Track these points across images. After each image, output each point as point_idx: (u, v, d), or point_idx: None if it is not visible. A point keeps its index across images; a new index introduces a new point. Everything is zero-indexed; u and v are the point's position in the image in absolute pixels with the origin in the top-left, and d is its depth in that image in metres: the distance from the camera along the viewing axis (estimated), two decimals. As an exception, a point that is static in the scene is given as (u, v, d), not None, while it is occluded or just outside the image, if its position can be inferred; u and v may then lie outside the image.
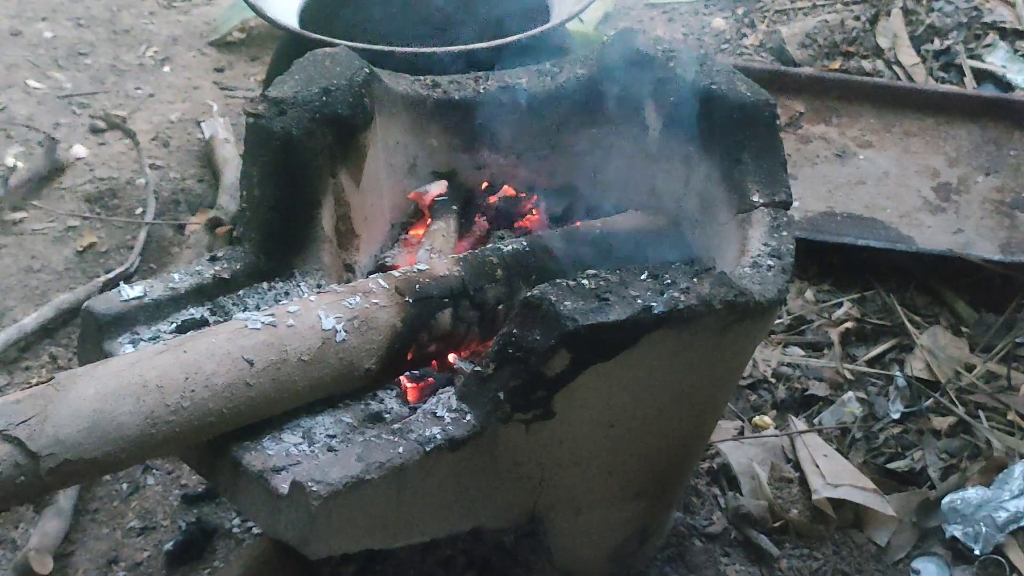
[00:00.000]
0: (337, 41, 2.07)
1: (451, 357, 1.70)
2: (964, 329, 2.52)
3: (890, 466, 2.21)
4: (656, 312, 1.44)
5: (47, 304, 2.53)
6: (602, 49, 2.00)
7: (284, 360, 1.46)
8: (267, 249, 1.74)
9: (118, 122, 3.15)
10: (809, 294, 2.62)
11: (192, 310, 1.66)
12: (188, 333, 1.54)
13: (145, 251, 2.73)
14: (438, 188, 1.96)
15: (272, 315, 1.50)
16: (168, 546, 2.02)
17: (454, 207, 1.96)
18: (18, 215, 2.86)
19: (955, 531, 2.06)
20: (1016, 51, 3.38)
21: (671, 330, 1.47)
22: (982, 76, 3.32)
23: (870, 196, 2.85)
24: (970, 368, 2.41)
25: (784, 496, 2.12)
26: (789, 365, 2.43)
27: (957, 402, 2.32)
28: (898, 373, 2.39)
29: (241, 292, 1.70)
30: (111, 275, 2.61)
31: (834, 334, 2.50)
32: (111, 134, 3.15)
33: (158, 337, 1.60)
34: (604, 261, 1.76)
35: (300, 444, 1.47)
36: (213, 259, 1.74)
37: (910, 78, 3.30)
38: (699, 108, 1.84)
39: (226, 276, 1.71)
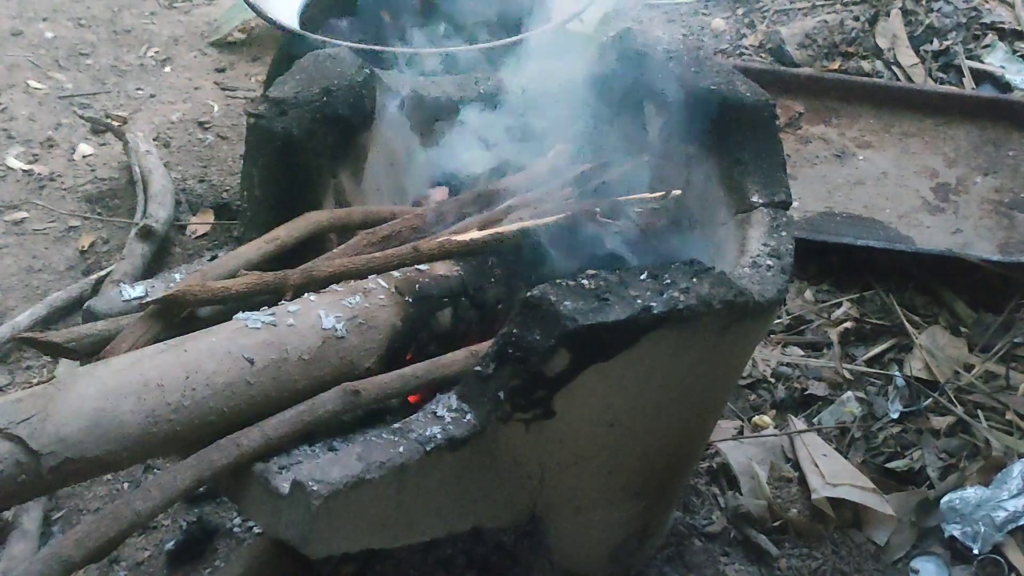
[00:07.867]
0: (337, 41, 2.08)
1: (451, 357, 1.70)
2: (963, 329, 2.52)
3: (889, 466, 2.21)
4: (656, 312, 1.44)
5: (40, 302, 2.54)
6: (602, 50, 2.00)
7: (284, 359, 1.46)
8: (268, 249, 1.75)
9: (112, 125, 3.14)
10: (808, 294, 2.63)
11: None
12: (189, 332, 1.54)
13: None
14: (440, 194, 1.95)
15: (272, 314, 1.50)
16: (169, 545, 2.02)
17: (456, 214, 1.96)
18: (19, 215, 2.87)
19: (954, 530, 2.06)
20: (1015, 52, 3.38)
21: (671, 330, 1.47)
22: (981, 77, 3.32)
23: (869, 196, 2.85)
24: (969, 368, 2.41)
25: (783, 496, 2.12)
26: (788, 365, 2.43)
27: (956, 402, 2.33)
28: (897, 373, 2.40)
29: (242, 292, 1.70)
30: (102, 272, 2.62)
31: (833, 334, 2.51)
32: (112, 134, 3.15)
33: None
34: (604, 261, 1.77)
35: (300, 443, 1.48)
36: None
37: (909, 79, 3.31)
38: (699, 108, 1.84)
39: (227, 276, 1.71)
